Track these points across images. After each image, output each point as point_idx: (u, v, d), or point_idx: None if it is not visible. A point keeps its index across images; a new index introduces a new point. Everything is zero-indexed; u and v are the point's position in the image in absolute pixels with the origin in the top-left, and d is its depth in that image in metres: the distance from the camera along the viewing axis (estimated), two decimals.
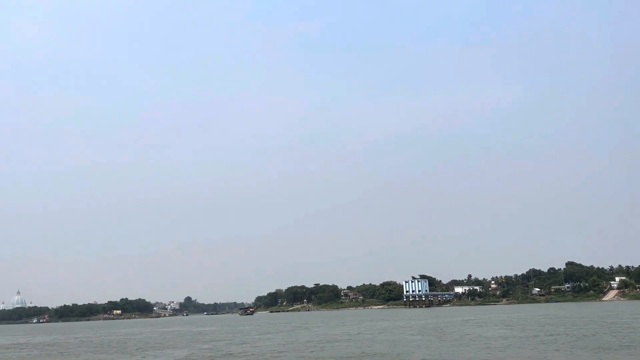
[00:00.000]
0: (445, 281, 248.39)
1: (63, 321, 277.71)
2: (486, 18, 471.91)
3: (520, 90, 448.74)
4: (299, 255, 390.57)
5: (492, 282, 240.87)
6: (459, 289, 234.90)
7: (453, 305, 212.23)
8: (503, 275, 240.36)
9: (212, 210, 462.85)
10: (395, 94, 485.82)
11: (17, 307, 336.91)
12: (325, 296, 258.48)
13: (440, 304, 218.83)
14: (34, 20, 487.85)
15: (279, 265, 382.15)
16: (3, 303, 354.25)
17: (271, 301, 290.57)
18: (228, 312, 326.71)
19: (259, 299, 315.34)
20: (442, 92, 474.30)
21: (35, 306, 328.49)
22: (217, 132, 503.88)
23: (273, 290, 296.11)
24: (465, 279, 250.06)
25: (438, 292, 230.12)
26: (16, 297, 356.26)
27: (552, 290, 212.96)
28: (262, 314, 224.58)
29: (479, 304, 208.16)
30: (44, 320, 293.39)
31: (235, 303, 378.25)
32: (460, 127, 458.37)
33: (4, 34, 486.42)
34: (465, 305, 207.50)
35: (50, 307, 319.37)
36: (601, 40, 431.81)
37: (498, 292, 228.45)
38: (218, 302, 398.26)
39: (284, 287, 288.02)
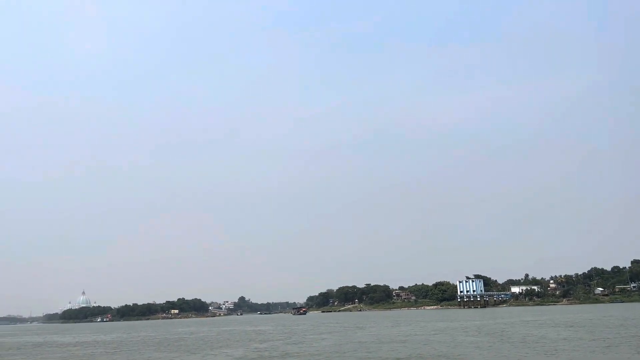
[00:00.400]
0: (500, 281, 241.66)
1: (124, 320, 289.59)
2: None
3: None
4: (350, 255, 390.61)
5: (551, 281, 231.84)
6: (515, 289, 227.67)
7: (510, 305, 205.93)
8: (563, 275, 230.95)
9: (260, 210, 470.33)
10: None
11: (82, 307, 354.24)
12: (376, 296, 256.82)
13: (496, 304, 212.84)
14: (89, 35, 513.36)
15: (329, 265, 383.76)
16: (70, 303, 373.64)
17: (322, 301, 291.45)
18: (280, 312, 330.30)
19: (310, 298, 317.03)
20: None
21: (99, 306, 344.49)
22: (257, 132, 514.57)
23: (324, 290, 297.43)
24: (522, 279, 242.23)
25: (494, 292, 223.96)
26: (81, 297, 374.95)
27: (617, 290, 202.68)
28: (315, 314, 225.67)
29: (538, 304, 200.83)
30: (107, 319, 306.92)
31: (287, 303, 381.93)
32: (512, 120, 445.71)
33: (65, 48, 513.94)
34: (523, 305, 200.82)
35: (112, 307, 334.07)
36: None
37: (557, 292, 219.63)
38: (271, 301, 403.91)
39: (334, 287, 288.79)
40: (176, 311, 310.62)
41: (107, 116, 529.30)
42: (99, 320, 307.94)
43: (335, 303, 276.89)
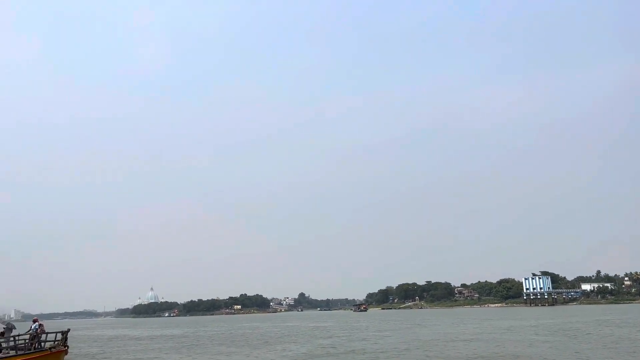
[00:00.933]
0: (569, 278, 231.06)
1: (190, 315, 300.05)
2: None
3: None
4: (409, 252, 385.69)
5: (626, 278, 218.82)
6: (586, 286, 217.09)
7: (580, 303, 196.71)
8: (639, 271, 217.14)
9: (318, 207, 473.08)
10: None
11: (151, 302, 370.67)
12: (438, 294, 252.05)
13: (565, 302, 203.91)
14: (152, 42, 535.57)
15: (388, 262, 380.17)
16: (140, 298, 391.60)
17: (382, 298, 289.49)
18: (340, 309, 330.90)
19: (369, 295, 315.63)
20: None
21: (166, 301, 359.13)
22: (309, 128, 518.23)
23: (383, 287, 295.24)
24: (593, 275, 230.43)
25: (562, 290, 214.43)
26: (150, 293, 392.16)
27: None
28: (375, 311, 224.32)
29: (611, 303, 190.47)
30: (174, 314, 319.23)
31: (346, 299, 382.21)
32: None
33: (129, 55, 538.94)
34: (595, 304, 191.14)
35: (179, 302, 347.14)
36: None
37: (633, 290, 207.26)
38: (330, 298, 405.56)
39: (394, 285, 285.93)
40: (239, 307, 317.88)
41: (168, 117, 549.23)
42: (166, 315, 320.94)
43: (395, 300, 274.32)
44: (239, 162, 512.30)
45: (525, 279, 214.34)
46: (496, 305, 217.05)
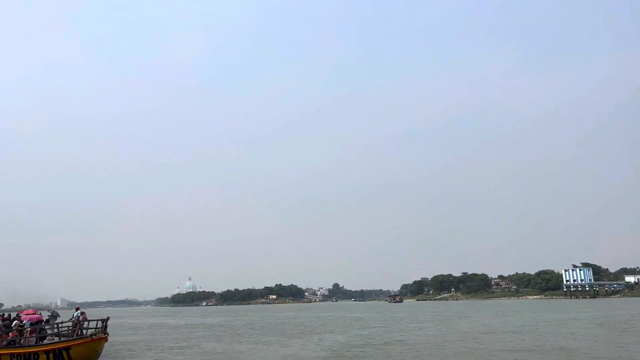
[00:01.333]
0: (612, 269, 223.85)
1: (227, 304, 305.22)
2: None
3: None
4: (444, 243, 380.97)
5: None
6: (630, 278, 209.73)
7: (624, 296, 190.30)
8: None
9: (351, 200, 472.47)
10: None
11: (189, 292, 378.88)
12: (474, 285, 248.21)
13: (607, 294, 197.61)
14: (195, 33, 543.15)
15: (423, 253, 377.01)
16: (178, 288, 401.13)
17: (417, 289, 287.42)
18: (374, 299, 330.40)
19: (404, 286, 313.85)
20: None
21: (204, 291, 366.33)
22: (338, 121, 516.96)
23: (418, 279, 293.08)
24: (638, 267, 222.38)
25: (604, 282, 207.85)
26: (188, 283, 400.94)
27: None
28: (410, 302, 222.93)
29: None
30: (211, 304, 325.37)
31: (381, 290, 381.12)
32: None
33: (172, 46, 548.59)
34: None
35: (216, 292, 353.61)
36: None
37: None
38: (364, 289, 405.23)
39: (428, 276, 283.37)
40: (274, 296, 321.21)
41: (198, 111, 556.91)
42: (204, 304, 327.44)
43: (430, 292, 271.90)
44: (271, 153, 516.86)
45: (566, 270, 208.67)
46: (535, 297, 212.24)
